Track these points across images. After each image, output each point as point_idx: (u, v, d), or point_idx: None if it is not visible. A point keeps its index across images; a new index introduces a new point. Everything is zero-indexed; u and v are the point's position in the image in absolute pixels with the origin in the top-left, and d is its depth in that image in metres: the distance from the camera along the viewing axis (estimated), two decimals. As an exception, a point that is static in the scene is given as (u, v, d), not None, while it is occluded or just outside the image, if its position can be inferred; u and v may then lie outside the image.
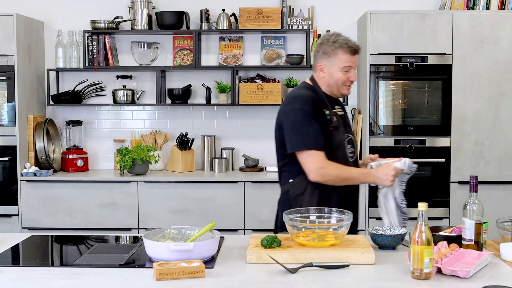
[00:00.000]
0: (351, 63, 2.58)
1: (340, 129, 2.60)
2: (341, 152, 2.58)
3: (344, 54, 2.56)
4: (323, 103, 2.59)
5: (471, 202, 2.16)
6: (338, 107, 2.69)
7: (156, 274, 1.89)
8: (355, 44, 2.58)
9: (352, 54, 2.57)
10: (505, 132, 4.23)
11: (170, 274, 1.89)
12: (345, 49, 2.56)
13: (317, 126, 2.49)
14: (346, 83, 2.62)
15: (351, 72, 2.60)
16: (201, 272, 1.91)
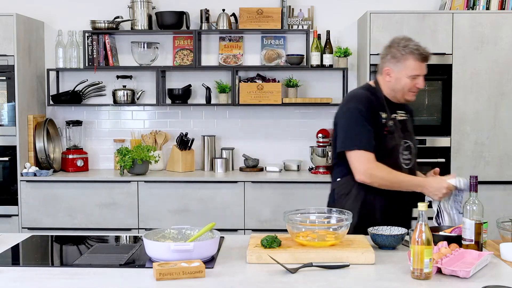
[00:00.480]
0: (420, 70, 2.53)
1: (397, 134, 2.54)
2: (394, 157, 2.53)
3: (414, 60, 2.51)
4: (381, 106, 2.55)
5: (471, 202, 2.16)
6: (402, 112, 2.63)
7: (156, 274, 1.89)
8: (425, 51, 2.52)
9: (422, 61, 2.52)
10: (505, 132, 4.23)
11: (170, 274, 1.89)
12: (415, 56, 2.50)
13: (369, 128, 2.48)
14: (413, 89, 2.56)
15: (418, 79, 2.55)
16: (201, 272, 1.91)
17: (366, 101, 2.52)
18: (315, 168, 4.50)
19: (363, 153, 2.47)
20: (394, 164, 2.51)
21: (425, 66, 2.55)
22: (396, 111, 2.60)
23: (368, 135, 2.47)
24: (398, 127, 2.56)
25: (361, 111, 2.49)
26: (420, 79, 2.54)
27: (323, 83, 4.70)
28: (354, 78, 4.66)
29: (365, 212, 2.54)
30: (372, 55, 4.22)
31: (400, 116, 2.61)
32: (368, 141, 2.47)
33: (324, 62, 4.53)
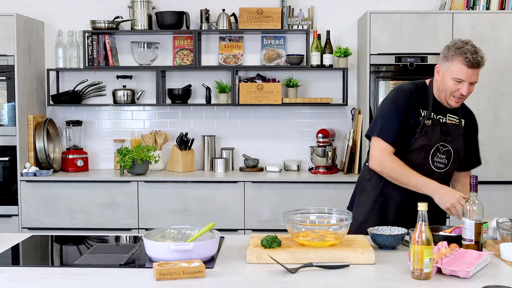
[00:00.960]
0: (465, 76, 2.42)
1: (432, 135, 2.50)
2: (422, 156, 2.50)
3: (460, 63, 2.42)
4: (424, 103, 2.52)
5: (471, 202, 2.15)
6: (454, 116, 2.57)
7: (156, 274, 1.89)
8: (475, 57, 2.40)
9: (469, 67, 2.40)
10: (505, 132, 4.23)
11: (170, 274, 1.89)
12: (462, 59, 2.40)
13: (399, 122, 2.47)
14: (455, 94, 2.46)
15: (463, 84, 2.43)
16: (201, 272, 1.91)
17: (406, 95, 2.52)
18: (315, 168, 4.50)
19: (383, 143, 2.49)
20: (421, 164, 2.49)
21: (472, 73, 2.42)
22: (446, 113, 2.55)
23: (395, 128, 2.49)
24: (437, 128, 2.50)
25: (397, 103, 2.51)
26: (464, 85, 2.43)
27: (323, 83, 4.70)
28: (354, 78, 4.66)
29: (380, 203, 2.58)
30: (372, 55, 4.22)
31: (449, 120, 2.55)
32: (392, 134, 2.49)
33: (324, 62, 4.53)
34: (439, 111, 2.54)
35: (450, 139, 2.53)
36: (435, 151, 2.51)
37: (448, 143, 2.53)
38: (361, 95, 4.48)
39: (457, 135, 2.56)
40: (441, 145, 2.51)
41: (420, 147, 2.50)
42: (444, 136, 2.52)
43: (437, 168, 2.53)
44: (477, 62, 2.40)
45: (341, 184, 4.24)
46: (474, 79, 2.44)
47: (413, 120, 2.50)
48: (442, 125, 2.53)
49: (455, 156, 2.55)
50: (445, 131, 2.52)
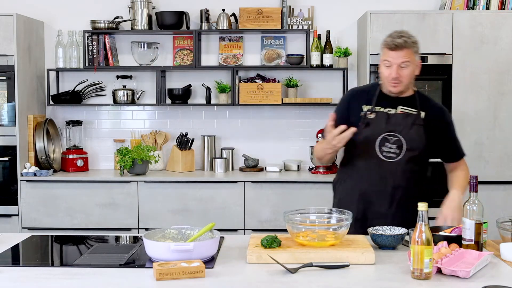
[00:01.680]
0: (389, 58, 2.51)
1: (377, 126, 2.56)
2: (367, 148, 2.57)
3: (384, 47, 2.54)
4: (367, 99, 2.61)
5: (471, 202, 2.15)
6: (406, 108, 2.60)
7: (156, 274, 1.89)
8: (395, 40, 2.48)
9: (391, 49, 2.50)
10: (505, 132, 4.23)
11: (170, 274, 1.89)
12: (384, 43, 2.53)
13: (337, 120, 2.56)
14: (388, 78, 2.54)
15: (392, 67, 2.51)
16: (201, 272, 1.91)
17: (349, 94, 2.76)
18: (315, 168, 4.50)
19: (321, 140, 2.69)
20: (369, 154, 2.56)
21: (397, 55, 2.48)
22: (397, 106, 2.59)
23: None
24: (382, 120, 2.56)
25: (339, 104, 2.76)
26: (393, 69, 2.50)
27: (323, 83, 4.70)
28: (354, 78, 4.66)
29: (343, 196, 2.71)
30: (372, 55, 4.22)
31: (401, 111, 2.59)
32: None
33: (324, 62, 4.53)
34: (389, 105, 2.60)
35: (399, 129, 2.56)
36: (382, 141, 2.55)
37: (397, 133, 2.55)
38: (361, 95, 4.48)
39: (409, 125, 2.56)
40: (388, 135, 2.55)
41: (365, 139, 2.57)
42: (391, 126, 2.55)
43: (388, 158, 2.55)
44: (396, 44, 2.47)
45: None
46: (401, 60, 2.48)
47: (354, 117, 2.60)
48: (390, 116, 2.57)
49: (408, 145, 2.55)
50: (394, 122, 2.56)
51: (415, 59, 2.54)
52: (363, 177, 2.59)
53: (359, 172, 2.61)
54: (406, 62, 2.49)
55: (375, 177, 2.57)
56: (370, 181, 2.58)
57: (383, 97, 2.61)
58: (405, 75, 2.51)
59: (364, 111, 2.60)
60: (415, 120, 2.58)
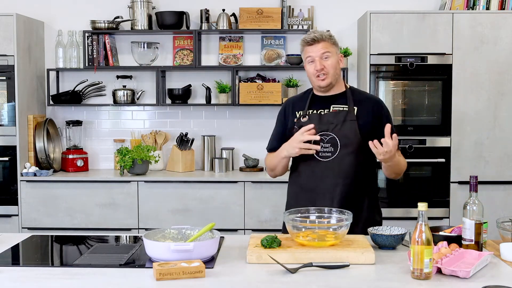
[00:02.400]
0: (310, 52, 2.56)
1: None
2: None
3: (303, 46, 2.60)
4: (301, 104, 2.67)
5: (471, 202, 2.15)
6: (338, 105, 2.61)
7: (156, 274, 1.89)
8: (309, 36, 2.57)
9: (308, 44, 2.57)
10: (505, 132, 4.23)
11: (170, 274, 1.89)
12: (303, 43, 2.60)
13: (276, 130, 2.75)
14: (314, 73, 2.57)
15: (315, 62, 2.56)
16: (201, 272, 1.91)
17: (284, 105, 2.78)
18: (315, 168, 4.50)
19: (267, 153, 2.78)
20: (307, 157, 2.56)
21: (316, 48, 2.55)
22: (330, 105, 2.61)
23: (272, 137, 2.77)
24: (314, 122, 2.57)
25: (278, 115, 2.78)
26: (316, 61, 2.55)
27: (323, 83, 4.70)
28: (354, 78, 4.66)
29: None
30: (372, 55, 4.22)
31: (333, 110, 2.60)
32: (270, 142, 2.77)
33: (324, 62, 4.52)
34: (321, 106, 2.63)
35: (332, 127, 2.57)
36: (316, 143, 2.55)
37: (331, 131, 2.56)
38: (361, 95, 4.48)
39: (341, 121, 2.57)
40: (321, 135, 2.55)
41: None
42: (323, 125, 2.57)
43: (324, 158, 2.56)
44: (312, 38, 2.55)
45: (341, 184, 4.24)
46: (322, 52, 2.54)
47: (290, 124, 2.67)
48: (322, 117, 2.59)
49: (342, 142, 2.55)
50: (325, 121, 2.58)
51: (335, 51, 2.59)
52: (305, 179, 2.62)
53: (301, 175, 2.64)
54: (327, 53, 2.55)
55: (315, 178, 2.58)
56: (311, 182, 2.60)
57: (316, 99, 2.66)
58: (329, 65, 2.55)
59: (297, 116, 2.65)
60: (347, 116, 2.57)
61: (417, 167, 4.29)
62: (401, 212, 4.26)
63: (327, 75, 2.56)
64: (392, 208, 4.27)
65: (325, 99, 2.64)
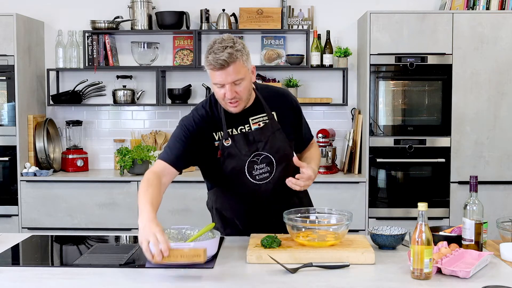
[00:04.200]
0: (218, 79, 2.14)
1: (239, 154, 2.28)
2: (238, 180, 2.32)
3: (208, 69, 2.16)
4: (214, 124, 2.28)
5: (471, 202, 2.15)
6: (257, 116, 2.32)
7: (152, 258, 1.87)
8: (217, 59, 2.08)
9: (216, 69, 2.12)
10: (505, 132, 4.24)
11: (168, 256, 1.87)
12: (208, 64, 2.15)
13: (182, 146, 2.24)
14: (225, 99, 2.18)
15: (225, 87, 2.15)
16: (199, 256, 1.88)
17: (188, 125, 2.27)
18: (315, 168, 4.49)
19: (160, 162, 2.26)
20: (242, 184, 2.31)
21: (226, 74, 2.11)
22: (248, 119, 2.30)
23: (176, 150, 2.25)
24: (241, 143, 2.28)
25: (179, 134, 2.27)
26: (227, 88, 2.13)
27: (323, 83, 4.70)
28: (354, 78, 4.66)
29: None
30: (372, 55, 4.22)
31: (254, 124, 2.31)
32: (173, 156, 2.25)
33: (324, 62, 4.53)
34: (239, 122, 2.29)
35: (262, 145, 2.29)
36: (250, 167, 2.29)
37: (262, 150, 2.29)
38: (361, 95, 4.48)
39: (270, 134, 2.30)
40: (254, 158, 2.29)
41: (232, 171, 2.30)
42: (253, 146, 2.29)
43: (262, 180, 2.32)
44: (221, 63, 2.08)
45: (341, 184, 4.24)
46: (232, 79, 2.12)
47: (209, 147, 2.29)
48: (247, 136, 2.29)
49: (277, 158, 2.31)
50: (253, 140, 2.29)
51: (247, 69, 2.17)
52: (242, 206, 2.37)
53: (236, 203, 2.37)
54: (239, 80, 2.14)
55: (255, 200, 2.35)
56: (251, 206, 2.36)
57: (230, 115, 2.27)
58: (241, 91, 2.17)
59: (216, 139, 2.29)
60: (272, 127, 2.32)
61: (417, 167, 4.29)
62: (401, 212, 4.26)
63: (239, 101, 2.20)
64: (392, 208, 4.27)
65: (240, 113, 2.27)
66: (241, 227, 2.43)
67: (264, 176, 2.33)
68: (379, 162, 4.25)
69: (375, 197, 4.28)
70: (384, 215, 4.27)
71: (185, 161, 2.29)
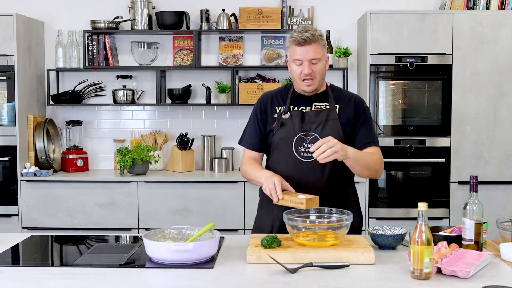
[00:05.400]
0: (299, 55, 2.39)
1: (291, 127, 2.46)
2: (284, 151, 2.47)
3: (291, 45, 2.42)
4: (281, 100, 2.53)
5: (471, 202, 2.15)
6: (320, 104, 2.51)
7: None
8: (301, 35, 2.38)
9: (298, 45, 2.38)
10: (505, 132, 4.24)
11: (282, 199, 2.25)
12: (292, 40, 2.41)
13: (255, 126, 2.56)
14: (301, 76, 2.42)
15: (303, 65, 2.40)
16: (302, 204, 2.19)
17: (261, 100, 2.59)
18: (315, 168, 4.50)
19: (246, 150, 2.61)
20: (287, 157, 2.45)
21: (306, 51, 2.38)
22: (312, 104, 2.50)
23: (250, 133, 2.59)
24: (296, 119, 2.46)
25: (254, 110, 2.60)
26: (305, 65, 2.39)
27: (323, 83, 4.70)
28: (354, 78, 4.67)
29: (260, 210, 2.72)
30: (372, 55, 4.22)
31: (315, 108, 2.49)
32: (248, 138, 2.59)
33: (324, 62, 4.52)
34: (303, 103, 2.51)
35: (314, 126, 2.45)
36: (298, 142, 2.45)
37: (313, 131, 2.45)
38: (361, 95, 4.48)
39: (324, 121, 2.46)
40: (304, 135, 2.44)
41: (281, 140, 2.48)
42: (307, 125, 2.46)
43: (306, 158, 2.44)
44: (304, 39, 2.37)
45: (341, 184, 4.24)
46: (311, 56, 2.39)
47: (270, 119, 2.53)
48: (304, 115, 2.47)
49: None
50: (308, 120, 2.47)
51: (324, 53, 2.46)
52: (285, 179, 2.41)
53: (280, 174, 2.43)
54: (317, 58, 2.41)
55: (296, 178, 2.42)
56: (291, 183, 2.41)
57: (297, 96, 2.52)
58: (317, 71, 2.42)
59: (277, 112, 2.51)
60: (329, 115, 2.47)
61: (417, 167, 4.29)
62: (401, 212, 4.26)
63: (313, 80, 2.43)
64: (392, 208, 4.27)
65: (306, 97, 2.51)
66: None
67: (309, 155, 2.41)
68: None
69: (375, 197, 4.29)
70: (384, 215, 4.27)
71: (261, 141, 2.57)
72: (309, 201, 2.21)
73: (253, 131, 2.57)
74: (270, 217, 2.56)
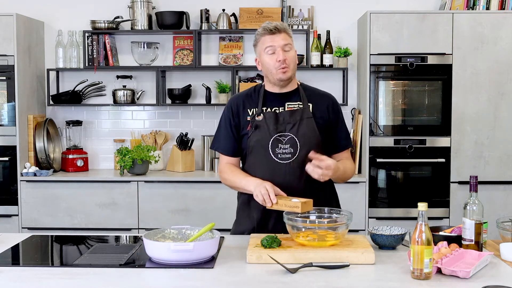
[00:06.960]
0: (270, 42, 2.40)
1: (266, 129, 2.44)
2: (261, 154, 2.45)
3: (262, 36, 2.43)
4: (252, 102, 2.51)
5: (471, 202, 2.15)
6: (293, 103, 2.49)
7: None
8: (271, 24, 2.43)
9: (270, 33, 2.41)
10: (505, 132, 4.24)
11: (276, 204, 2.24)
12: (261, 32, 2.44)
13: (227, 131, 2.53)
14: (276, 65, 2.41)
15: (277, 52, 2.40)
16: (297, 208, 2.18)
17: (232, 103, 2.56)
18: (315, 168, 4.49)
19: (221, 155, 2.59)
20: (264, 160, 2.43)
21: (278, 38, 2.41)
22: (284, 104, 2.48)
23: (224, 138, 2.55)
24: (271, 121, 2.44)
25: (224, 114, 2.56)
26: (278, 52, 2.40)
27: (323, 83, 4.69)
28: (354, 78, 4.67)
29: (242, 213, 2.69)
30: (372, 55, 4.22)
31: (288, 108, 2.47)
32: (223, 144, 2.56)
33: (324, 62, 4.53)
34: (275, 104, 2.49)
35: (290, 127, 2.44)
36: (274, 144, 2.43)
37: (288, 131, 2.43)
38: (361, 95, 4.48)
39: (299, 120, 2.44)
40: (279, 136, 2.43)
41: (256, 144, 2.45)
42: (281, 125, 2.44)
43: (283, 160, 2.43)
44: (274, 27, 2.41)
45: (341, 184, 4.22)
46: (284, 43, 2.41)
47: (244, 123, 2.50)
48: (278, 116, 2.45)
49: (302, 142, 2.43)
50: (283, 120, 2.44)
51: (293, 45, 2.47)
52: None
53: (259, 178, 2.42)
54: (289, 45, 2.42)
55: (275, 180, 2.39)
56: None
57: (269, 97, 2.51)
58: (290, 58, 2.42)
59: (250, 114, 2.49)
60: (303, 114, 2.46)
61: (417, 167, 4.29)
62: (401, 212, 4.26)
63: (288, 68, 2.42)
64: (392, 208, 4.27)
65: (278, 96, 2.50)
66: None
67: (286, 156, 2.43)
68: (379, 162, 4.25)
69: (375, 197, 4.29)
70: (384, 215, 4.27)
71: (235, 145, 2.55)
72: (304, 204, 2.20)
73: (227, 136, 2.54)
74: (250, 221, 2.57)
